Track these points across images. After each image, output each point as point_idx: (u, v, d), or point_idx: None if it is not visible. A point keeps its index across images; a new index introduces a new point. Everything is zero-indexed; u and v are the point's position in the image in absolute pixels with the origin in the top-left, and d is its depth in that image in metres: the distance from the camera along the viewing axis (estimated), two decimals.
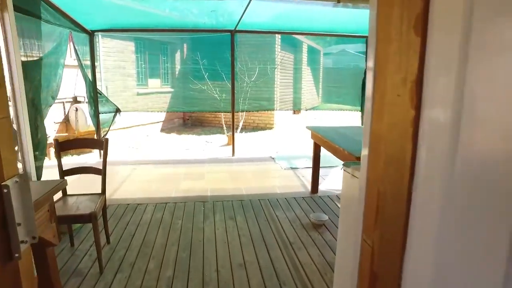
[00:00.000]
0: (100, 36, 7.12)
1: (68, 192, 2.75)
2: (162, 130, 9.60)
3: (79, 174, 2.78)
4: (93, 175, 2.75)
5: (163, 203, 3.80)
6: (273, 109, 9.55)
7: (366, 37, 5.85)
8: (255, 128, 9.99)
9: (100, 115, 5.48)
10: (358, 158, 2.62)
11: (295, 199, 4.03)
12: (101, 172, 2.70)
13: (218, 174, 4.96)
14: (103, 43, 7.33)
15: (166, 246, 2.87)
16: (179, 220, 3.39)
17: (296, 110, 12.09)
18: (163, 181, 4.61)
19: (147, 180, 4.63)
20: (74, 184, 3.04)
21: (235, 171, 5.18)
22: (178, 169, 5.23)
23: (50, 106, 3.95)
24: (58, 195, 2.68)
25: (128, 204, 3.76)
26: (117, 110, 5.68)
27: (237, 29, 5.60)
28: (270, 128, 10.04)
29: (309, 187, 4.41)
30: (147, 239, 2.98)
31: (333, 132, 3.81)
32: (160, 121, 9.50)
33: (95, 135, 5.63)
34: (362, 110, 6.40)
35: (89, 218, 2.37)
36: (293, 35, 10.56)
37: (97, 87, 5.53)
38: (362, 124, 6.49)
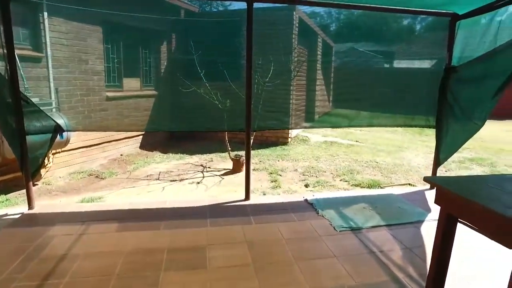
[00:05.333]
0: (46, 13, 4.87)
1: None
2: (142, 146, 7.33)
3: None
4: None
5: None
6: (288, 127, 7.41)
7: (453, 14, 3.60)
8: (263, 143, 7.79)
9: (27, 136, 3.23)
10: None
11: None
12: None
13: (230, 251, 2.75)
14: (53, 26, 5.06)
15: None
16: None
17: (309, 125, 10.00)
18: (125, 280, 2.36)
19: (92, 275, 2.38)
20: None
21: (257, 239, 2.97)
22: (159, 234, 3.00)
23: None
24: None
25: None
26: (57, 129, 3.41)
27: None
28: (284, 143, 7.86)
29: None
30: None
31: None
32: (140, 134, 7.24)
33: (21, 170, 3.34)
34: (440, 127, 4.26)
35: None
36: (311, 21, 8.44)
37: (43, 88, 3.32)
38: (439, 151, 4.33)
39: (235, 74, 6.20)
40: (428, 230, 3.20)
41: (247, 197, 3.96)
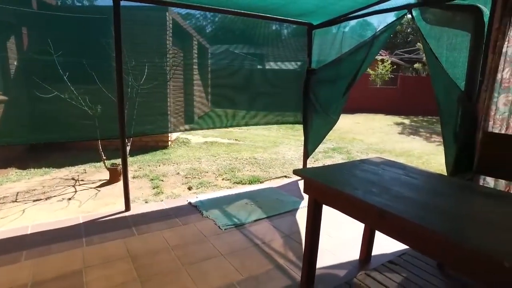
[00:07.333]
0: None
1: None
2: None
3: None
4: None
5: None
6: (167, 131, 7.25)
7: (309, 24, 4.19)
8: (142, 148, 7.42)
9: None
10: None
11: None
12: None
13: (111, 270, 2.54)
14: None
15: None
16: None
17: (189, 127, 9.99)
18: None
19: None
20: None
21: (141, 251, 2.83)
22: (18, 267, 2.56)
23: None
24: None
25: None
26: None
27: None
28: (164, 147, 7.65)
29: (295, 274, 2.51)
30: None
31: (362, 182, 1.98)
32: None
33: None
34: (306, 122, 4.80)
35: None
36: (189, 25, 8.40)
37: None
38: (307, 144, 4.89)
39: (106, 76, 5.72)
40: (302, 216, 3.60)
41: (127, 208, 3.72)
